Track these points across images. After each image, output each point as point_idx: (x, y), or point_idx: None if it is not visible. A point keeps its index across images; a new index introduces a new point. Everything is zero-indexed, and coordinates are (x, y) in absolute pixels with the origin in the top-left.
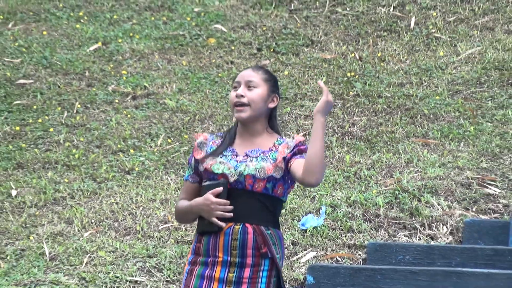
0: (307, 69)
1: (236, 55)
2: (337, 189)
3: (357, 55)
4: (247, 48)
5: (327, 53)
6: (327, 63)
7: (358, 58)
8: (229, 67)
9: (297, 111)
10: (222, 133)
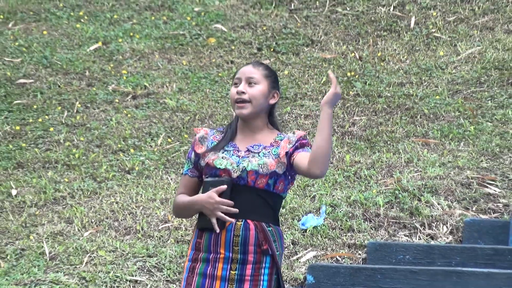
0: (307, 68)
1: (236, 54)
2: (337, 189)
3: (357, 55)
4: (247, 47)
5: (327, 52)
6: (327, 63)
7: (358, 57)
8: (229, 66)
9: (297, 111)
10: (222, 128)
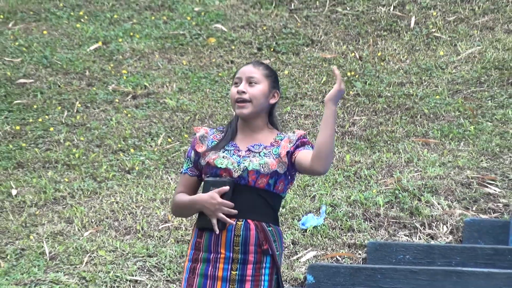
0: (307, 68)
1: (236, 54)
2: (337, 189)
3: (357, 55)
4: (247, 47)
5: (327, 52)
6: (327, 63)
7: (358, 57)
8: (229, 66)
9: (297, 111)
10: (222, 128)
